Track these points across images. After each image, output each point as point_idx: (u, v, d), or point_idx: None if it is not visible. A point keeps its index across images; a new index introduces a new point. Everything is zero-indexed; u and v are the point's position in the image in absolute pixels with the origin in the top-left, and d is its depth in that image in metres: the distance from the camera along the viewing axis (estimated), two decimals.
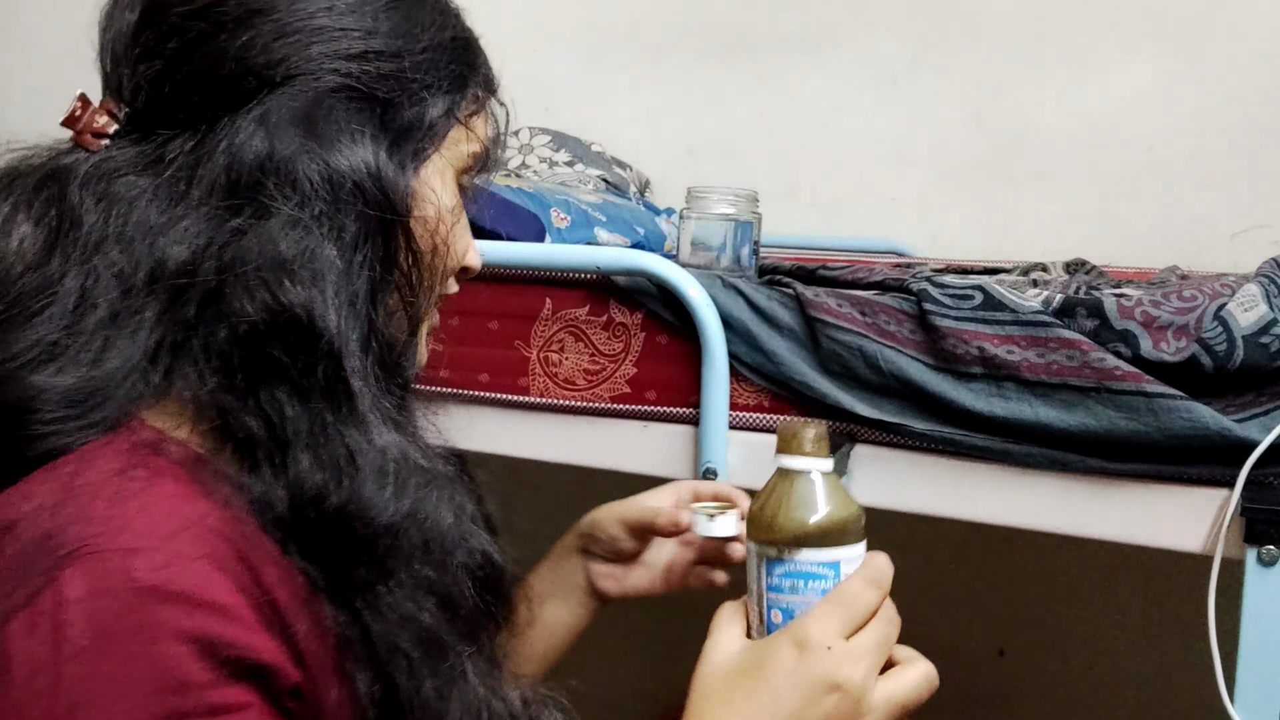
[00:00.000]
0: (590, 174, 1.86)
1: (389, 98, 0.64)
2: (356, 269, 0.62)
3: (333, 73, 0.62)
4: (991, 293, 0.98)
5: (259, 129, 0.60)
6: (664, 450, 1.10)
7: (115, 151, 0.63)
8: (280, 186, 0.60)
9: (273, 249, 0.59)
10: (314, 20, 0.62)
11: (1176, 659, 1.73)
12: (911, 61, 1.88)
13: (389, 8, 0.65)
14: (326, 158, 0.61)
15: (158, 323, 0.59)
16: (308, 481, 0.58)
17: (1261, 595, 0.87)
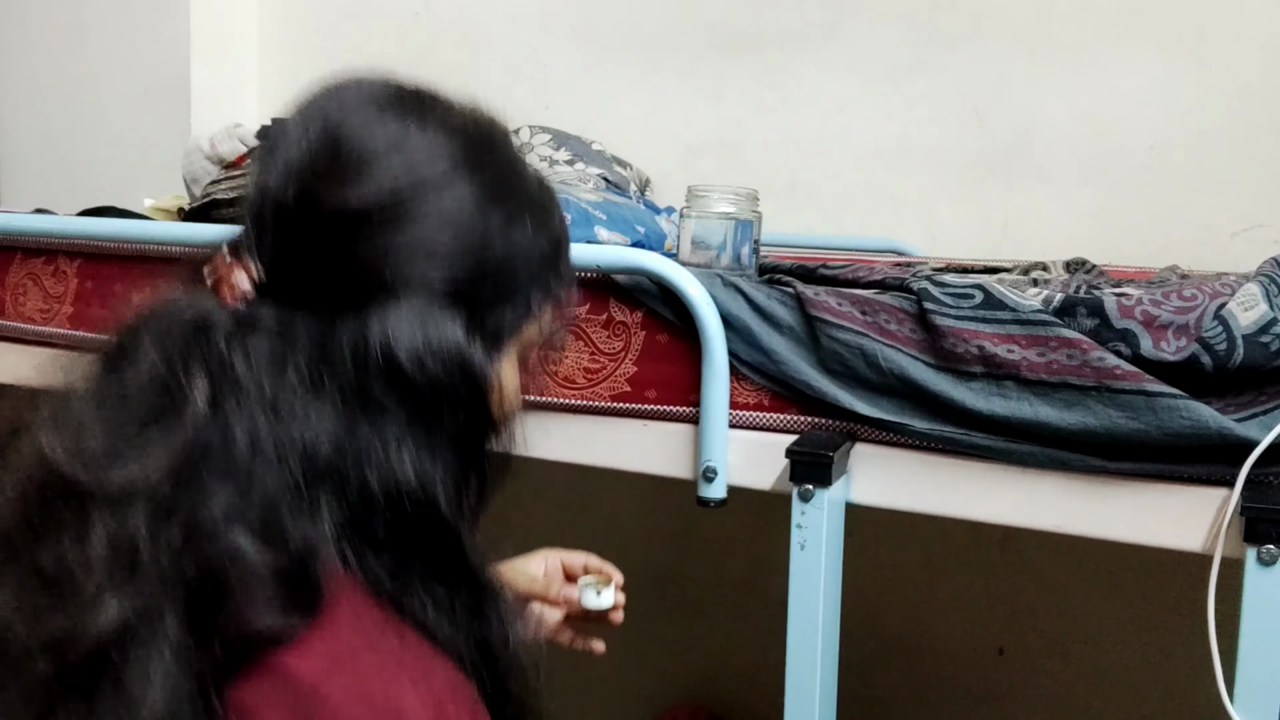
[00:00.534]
0: (590, 172, 1.86)
1: (484, 305, 0.73)
2: (456, 451, 0.72)
3: (447, 283, 0.70)
4: (992, 292, 0.98)
5: (378, 332, 0.68)
6: (664, 449, 1.10)
7: (254, 314, 0.69)
8: (397, 387, 0.68)
9: (397, 442, 0.68)
10: (439, 239, 0.70)
11: (1176, 658, 1.73)
12: (912, 61, 1.88)
13: (503, 225, 0.73)
14: (436, 365, 0.69)
15: (325, 510, 0.66)
16: (453, 632, 0.70)
17: (1261, 594, 0.87)
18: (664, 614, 2.11)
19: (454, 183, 0.71)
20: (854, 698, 1.19)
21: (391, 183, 0.69)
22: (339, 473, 0.67)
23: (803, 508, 1.00)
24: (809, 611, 1.00)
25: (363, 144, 0.70)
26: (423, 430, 0.69)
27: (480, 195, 0.72)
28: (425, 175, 0.71)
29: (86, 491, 0.63)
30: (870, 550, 1.56)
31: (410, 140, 0.71)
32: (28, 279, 1.47)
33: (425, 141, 0.72)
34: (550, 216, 0.79)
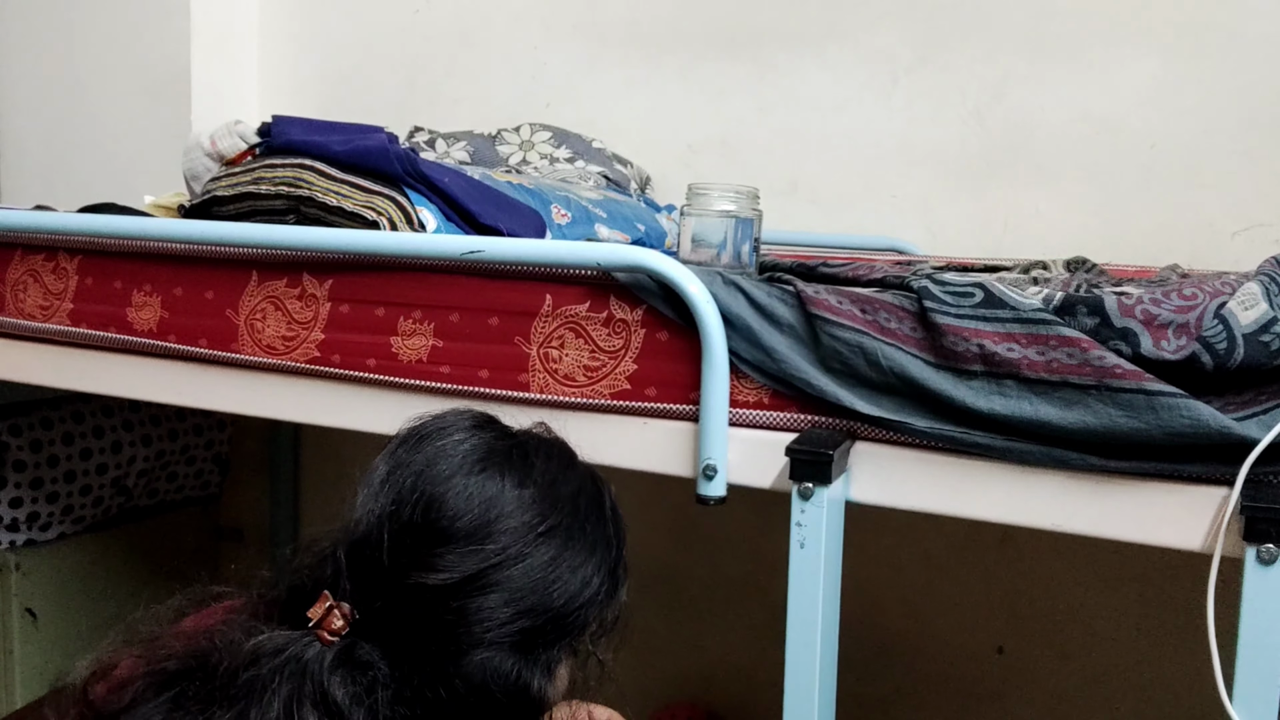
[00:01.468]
0: (591, 170, 1.86)
1: (547, 642, 0.82)
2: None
3: (512, 637, 0.80)
4: (992, 290, 0.98)
5: (454, 675, 0.79)
6: (664, 447, 1.10)
7: (349, 650, 0.79)
8: (466, 716, 0.80)
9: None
10: (509, 608, 0.80)
11: (1175, 657, 1.73)
12: (913, 59, 1.88)
13: (566, 580, 0.83)
14: (501, 700, 0.80)
15: None
16: None
17: (1261, 593, 0.87)
18: (663, 611, 2.11)
19: (529, 555, 0.81)
20: (853, 696, 1.19)
21: (470, 562, 0.79)
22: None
23: (802, 506, 1.00)
24: (808, 609, 1.00)
25: (451, 521, 0.80)
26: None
27: (552, 553, 0.82)
28: (510, 548, 0.80)
29: None
30: (870, 549, 1.56)
31: (494, 512, 0.81)
32: (28, 276, 1.47)
33: (505, 512, 0.81)
34: (612, 537, 0.90)
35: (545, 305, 1.14)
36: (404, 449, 0.84)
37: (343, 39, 2.35)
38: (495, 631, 0.79)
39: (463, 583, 0.79)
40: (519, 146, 1.93)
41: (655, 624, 2.12)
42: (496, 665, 0.79)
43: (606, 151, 1.95)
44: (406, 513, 0.81)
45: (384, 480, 0.83)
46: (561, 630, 0.83)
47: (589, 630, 0.86)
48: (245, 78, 2.40)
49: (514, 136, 1.95)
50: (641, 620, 2.31)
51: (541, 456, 0.87)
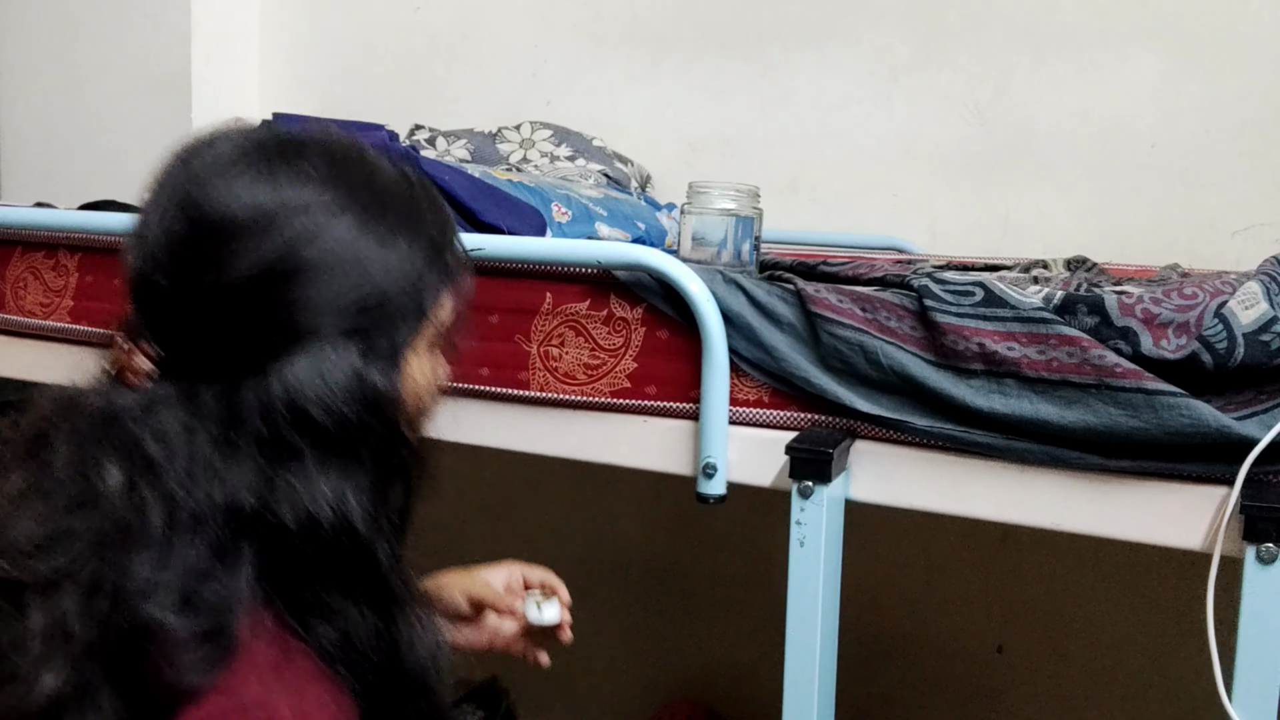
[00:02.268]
0: (591, 169, 1.86)
1: (377, 331, 0.75)
2: (372, 482, 0.75)
3: (335, 327, 0.73)
4: (992, 289, 0.98)
5: (280, 386, 0.71)
6: (664, 445, 1.10)
7: (160, 392, 0.73)
8: (306, 434, 0.72)
9: (308, 485, 0.72)
10: (317, 291, 0.72)
11: (1175, 656, 1.73)
12: (914, 57, 1.88)
13: (379, 251, 0.75)
14: (339, 403, 0.73)
15: (245, 562, 0.71)
16: (366, 653, 0.74)
17: (1260, 593, 0.87)
18: (663, 610, 2.11)
19: (324, 229, 0.73)
20: (853, 695, 1.19)
21: (260, 251, 0.72)
22: (261, 522, 0.71)
23: (802, 504, 1.00)
24: (808, 608, 1.00)
25: (222, 216, 0.72)
26: (336, 462, 0.73)
27: (351, 230, 0.74)
28: (293, 233, 0.72)
29: (18, 582, 0.68)
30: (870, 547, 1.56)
31: (270, 199, 0.72)
32: (28, 273, 1.47)
33: (286, 195, 0.73)
34: (422, 219, 0.79)
35: (545, 303, 1.14)
36: (167, 168, 0.77)
37: (343, 37, 2.35)
38: (314, 320, 0.72)
39: (263, 274, 0.71)
40: (519, 145, 1.93)
41: (655, 622, 2.12)
42: (329, 360, 0.72)
43: (607, 150, 1.95)
44: (180, 225, 0.73)
45: (153, 205, 0.75)
46: (388, 313, 0.75)
47: (425, 304, 0.78)
48: (246, 76, 2.40)
49: (514, 135, 1.95)
50: (642, 618, 2.32)
51: (318, 147, 0.77)
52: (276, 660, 0.70)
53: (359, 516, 0.73)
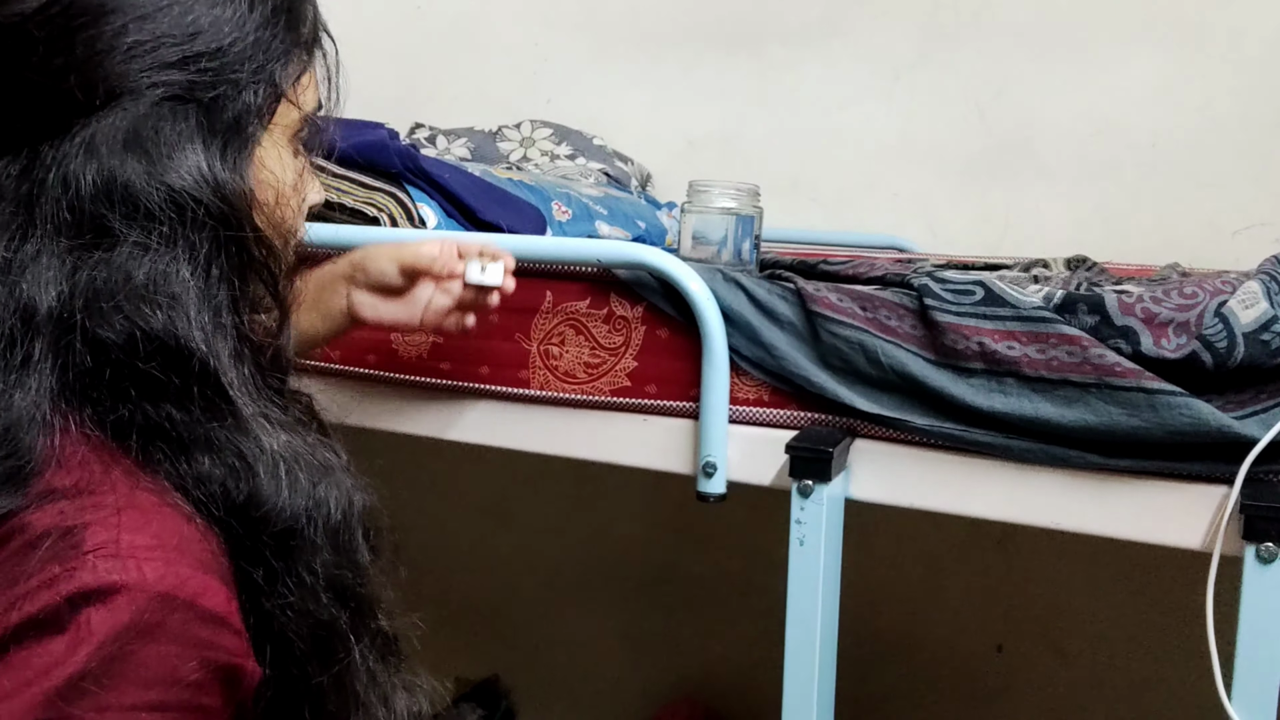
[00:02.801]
0: (592, 167, 1.86)
1: (214, 97, 0.63)
2: (215, 282, 0.63)
3: (154, 86, 0.61)
4: (992, 288, 0.98)
5: (88, 156, 0.59)
6: (664, 444, 1.10)
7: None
8: (122, 214, 0.60)
9: (127, 279, 0.59)
10: (129, 34, 0.60)
11: (1174, 656, 1.73)
12: (915, 56, 1.88)
13: (208, 2, 0.64)
14: (163, 177, 0.61)
15: (43, 370, 0.59)
16: (212, 486, 0.60)
17: (1260, 592, 0.87)
18: (663, 609, 2.11)
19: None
20: (852, 694, 1.19)
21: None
22: (65, 323, 0.59)
23: (802, 503, 1.00)
24: (808, 607, 1.00)
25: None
26: (161, 253, 0.60)
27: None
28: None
29: None
30: (869, 547, 1.56)
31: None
32: None
33: None
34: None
35: (545, 302, 1.14)
36: None
37: (343, 34, 2.34)
38: (128, 69, 0.59)
39: (50, 6, 0.59)
40: (519, 143, 1.93)
41: (655, 622, 2.12)
42: (152, 122, 0.60)
43: (607, 148, 1.95)
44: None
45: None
46: (231, 79, 0.63)
47: (276, 75, 0.67)
48: None
49: (515, 133, 1.95)
50: (641, 618, 2.33)
51: None
52: (95, 481, 0.58)
53: (193, 318, 0.61)
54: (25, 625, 0.52)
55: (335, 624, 0.64)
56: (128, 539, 0.55)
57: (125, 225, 0.60)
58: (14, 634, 0.52)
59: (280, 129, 0.68)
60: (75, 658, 0.52)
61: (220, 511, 0.61)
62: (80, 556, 0.54)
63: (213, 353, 0.61)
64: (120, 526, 0.55)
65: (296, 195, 0.71)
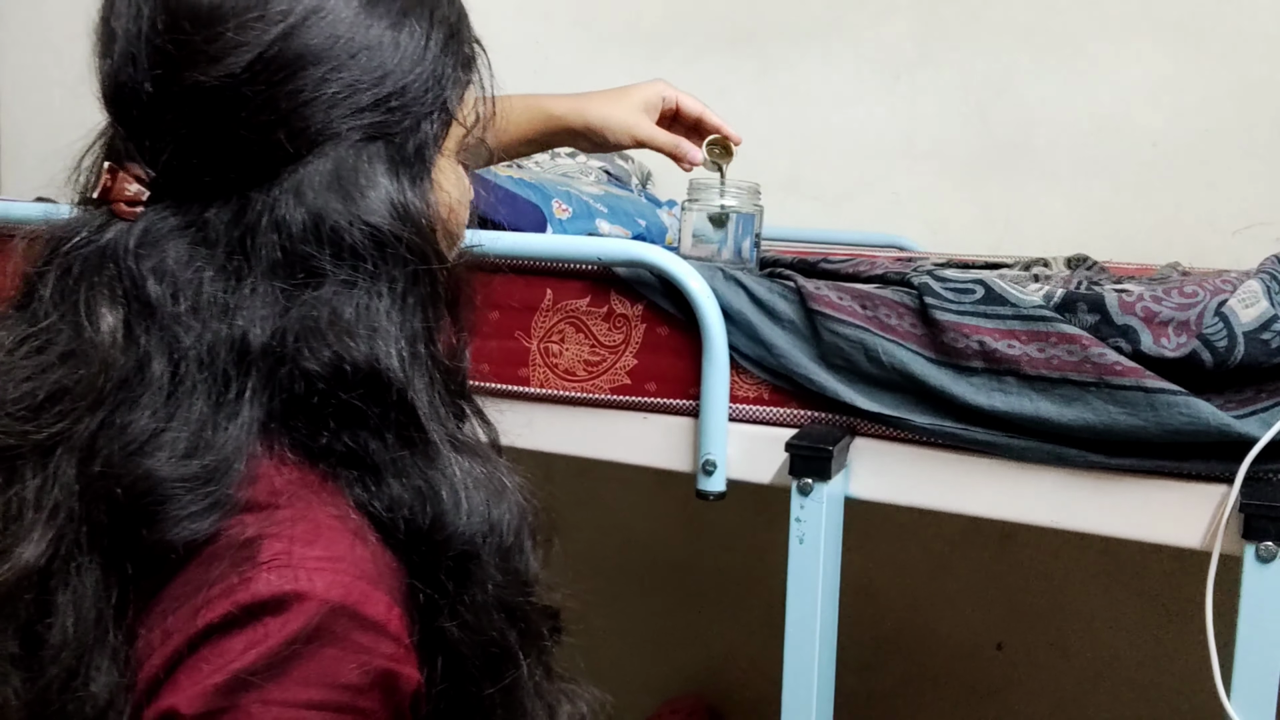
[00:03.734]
0: (592, 165, 1.85)
1: (401, 131, 0.67)
2: (410, 313, 0.66)
3: (352, 130, 0.65)
4: (993, 287, 0.98)
5: (297, 200, 0.63)
6: (664, 442, 1.10)
7: (156, 221, 0.64)
8: (331, 253, 0.63)
9: (334, 314, 0.63)
10: (329, 85, 0.64)
11: (1173, 654, 1.73)
12: (915, 55, 1.88)
13: (391, 37, 0.66)
14: (362, 215, 0.64)
15: (254, 402, 0.63)
16: (399, 511, 0.64)
17: (1259, 591, 0.87)
18: (663, 607, 2.11)
19: (325, 7, 0.64)
20: (852, 692, 1.20)
21: (253, 37, 0.62)
22: (276, 357, 0.63)
23: (802, 501, 1.00)
24: (807, 605, 1.01)
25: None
26: (365, 287, 0.64)
27: (357, 9, 0.65)
28: (290, 13, 0.63)
29: (14, 446, 0.62)
30: (869, 545, 1.56)
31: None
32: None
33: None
34: (439, 10, 0.70)
35: (546, 300, 1.14)
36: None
37: None
38: (328, 116, 0.63)
39: (260, 63, 0.62)
40: None
41: (656, 618, 2.12)
42: (351, 164, 0.63)
43: None
44: (157, 13, 0.63)
45: (115, 11, 0.66)
46: (410, 109, 0.67)
47: (448, 100, 0.69)
48: None
49: None
50: (642, 615, 2.32)
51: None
52: (279, 499, 0.62)
53: (394, 354, 0.64)
54: (207, 630, 0.57)
55: (505, 642, 0.67)
56: (300, 550, 0.59)
57: (333, 264, 0.63)
58: (199, 637, 0.57)
59: (450, 147, 0.72)
60: (247, 656, 0.56)
61: (403, 535, 0.63)
62: (255, 567, 0.58)
63: (410, 382, 0.65)
64: (293, 539, 0.59)
65: (464, 206, 0.75)
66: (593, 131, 1.14)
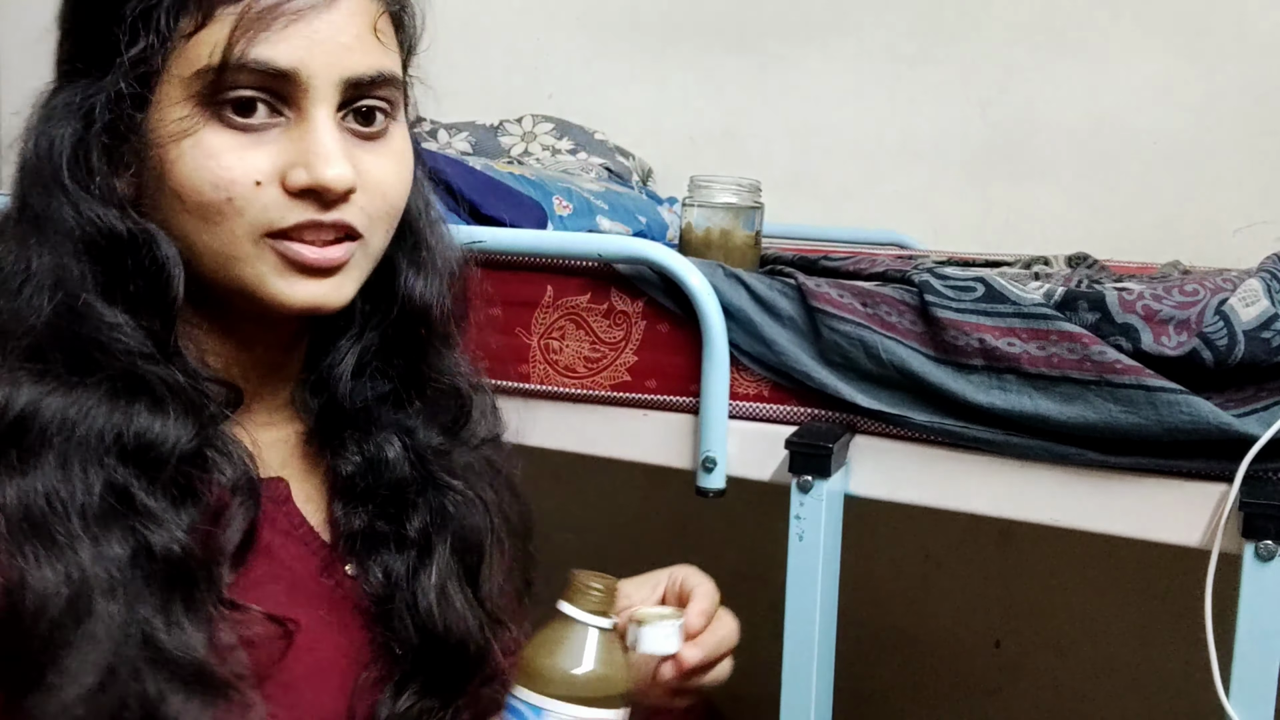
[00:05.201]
0: (593, 162, 1.85)
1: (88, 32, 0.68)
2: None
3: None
4: (993, 285, 0.98)
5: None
6: (663, 439, 1.10)
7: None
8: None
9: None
10: None
11: (1172, 653, 1.73)
12: (917, 53, 1.88)
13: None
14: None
15: None
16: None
17: (1258, 590, 0.87)
18: None
19: None
20: (850, 689, 1.19)
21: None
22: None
23: (801, 499, 1.00)
24: (806, 603, 1.01)
25: None
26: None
27: None
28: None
29: None
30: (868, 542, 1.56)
31: None
32: None
33: None
34: None
35: (546, 296, 1.14)
36: None
37: None
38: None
39: None
40: (521, 138, 1.93)
41: None
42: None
43: (609, 143, 1.95)
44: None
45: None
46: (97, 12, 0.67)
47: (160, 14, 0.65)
48: None
49: (516, 128, 1.95)
50: None
51: None
52: None
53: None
54: None
55: None
56: None
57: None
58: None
59: (171, 80, 0.70)
60: None
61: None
62: None
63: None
64: None
65: (196, 164, 0.72)
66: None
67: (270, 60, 0.64)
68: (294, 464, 0.77)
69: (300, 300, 0.67)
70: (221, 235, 0.65)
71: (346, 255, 0.68)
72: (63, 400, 0.63)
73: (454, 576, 0.77)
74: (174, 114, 0.64)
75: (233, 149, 0.64)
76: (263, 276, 0.66)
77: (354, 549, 0.75)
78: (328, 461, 0.77)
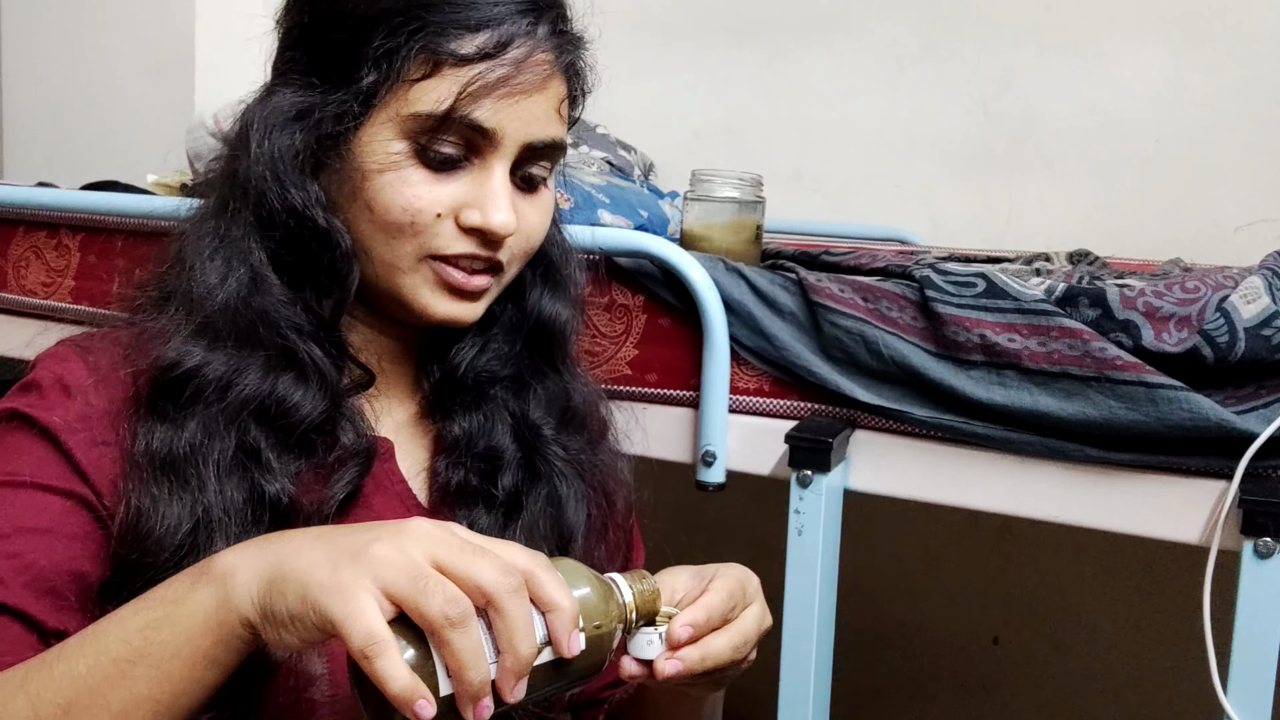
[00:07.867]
0: (594, 156, 1.85)
1: (324, 56, 0.76)
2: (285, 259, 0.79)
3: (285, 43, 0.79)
4: (994, 280, 0.98)
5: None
6: (663, 433, 1.10)
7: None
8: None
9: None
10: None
11: (1171, 649, 1.73)
12: (919, 49, 1.88)
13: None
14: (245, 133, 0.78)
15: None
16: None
17: (1257, 587, 0.87)
18: None
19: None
20: (849, 685, 1.20)
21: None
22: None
23: (801, 493, 1.00)
24: (805, 597, 1.01)
25: None
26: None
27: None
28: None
29: None
30: (868, 537, 1.56)
31: None
32: (30, 252, 1.47)
33: None
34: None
35: None
36: None
37: None
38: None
39: None
40: None
41: None
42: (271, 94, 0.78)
43: (610, 137, 1.94)
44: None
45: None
46: (335, 41, 0.75)
47: (395, 54, 0.73)
48: (250, 57, 2.40)
49: None
50: None
51: None
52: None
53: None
54: None
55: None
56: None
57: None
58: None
59: (386, 113, 0.78)
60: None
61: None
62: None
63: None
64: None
65: (394, 192, 0.81)
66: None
67: (482, 122, 0.74)
68: (405, 430, 0.84)
69: (441, 314, 0.78)
70: (394, 249, 0.75)
71: (488, 284, 0.79)
72: (224, 367, 0.73)
73: (541, 542, 0.81)
74: (384, 145, 0.74)
75: (425, 182, 0.74)
76: (417, 288, 0.77)
77: (447, 502, 0.81)
78: (437, 429, 0.83)
